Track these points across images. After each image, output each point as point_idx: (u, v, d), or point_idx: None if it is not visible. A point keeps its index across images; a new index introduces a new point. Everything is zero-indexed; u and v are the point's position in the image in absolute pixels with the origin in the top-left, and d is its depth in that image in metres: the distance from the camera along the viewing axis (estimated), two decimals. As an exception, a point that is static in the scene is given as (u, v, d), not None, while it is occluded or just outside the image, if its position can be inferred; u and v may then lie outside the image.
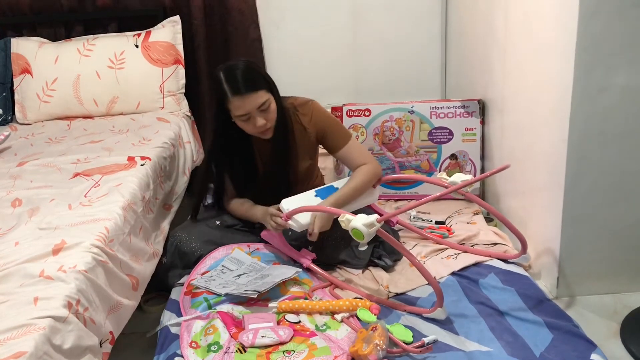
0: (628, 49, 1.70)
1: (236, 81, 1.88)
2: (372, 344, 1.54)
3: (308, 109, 2.08)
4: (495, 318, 1.75)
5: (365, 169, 2.06)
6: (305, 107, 2.08)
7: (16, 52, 2.71)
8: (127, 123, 2.54)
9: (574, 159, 1.80)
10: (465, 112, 2.54)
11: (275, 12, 2.88)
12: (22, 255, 1.47)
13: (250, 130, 1.96)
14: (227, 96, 1.89)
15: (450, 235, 2.25)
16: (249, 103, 1.88)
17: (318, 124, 2.08)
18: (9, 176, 2.01)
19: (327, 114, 2.12)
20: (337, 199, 1.97)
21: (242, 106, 1.89)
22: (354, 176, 2.05)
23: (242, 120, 1.93)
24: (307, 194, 2.04)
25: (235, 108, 1.90)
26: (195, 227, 2.15)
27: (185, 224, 2.21)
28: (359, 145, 2.13)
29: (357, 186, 2.03)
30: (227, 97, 1.89)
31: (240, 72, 1.90)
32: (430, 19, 2.94)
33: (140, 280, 1.72)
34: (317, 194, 2.03)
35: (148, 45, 2.66)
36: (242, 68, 1.91)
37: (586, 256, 1.92)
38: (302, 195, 2.02)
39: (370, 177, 2.06)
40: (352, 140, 2.10)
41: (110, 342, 1.48)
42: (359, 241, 1.66)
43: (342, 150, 2.08)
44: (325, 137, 2.10)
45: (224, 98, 1.90)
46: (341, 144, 2.08)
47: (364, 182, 2.04)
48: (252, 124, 1.92)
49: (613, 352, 1.67)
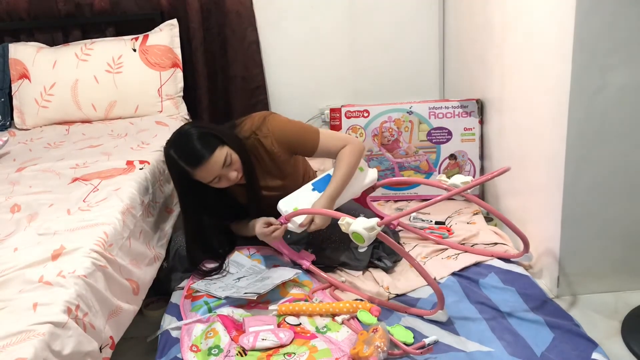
0: (625, 48, 1.70)
1: (190, 154, 1.83)
2: (372, 346, 1.54)
3: (266, 129, 1.97)
4: (496, 318, 1.75)
5: (346, 151, 1.98)
6: (263, 127, 1.97)
7: (14, 58, 2.71)
8: (126, 127, 2.54)
9: (572, 158, 1.80)
10: (464, 112, 2.54)
11: (272, 15, 2.88)
12: (21, 261, 1.46)
13: (225, 185, 1.91)
14: (189, 172, 1.85)
15: (450, 236, 2.25)
16: (213, 167, 1.83)
17: (281, 140, 1.97)
18: (7, 182, 2.01)
19: (286, 125, 2.01)
20: (332, 192, 1.93)
21: (209, 172, 1.84)
22: (338, 163, 1.98)
23: (215, 183, 1.88)
24: (304, 189, 2.00)
25: (203, 177, 1.86)
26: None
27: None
28: (331, 135, 2.04)
29: (346, 171, 1.96)
30: (189, 172, 1.85)
31: (190, 143, 1.84)
32: (427, 20, 2.94)
33: (141, 284, 1.72)
34: (314, 187, 2.00)
35: (146, 49, 2.67)
36: (189, 138, 1.85)
37: (586, 255, 1.92)
38: (298, 192, 1.99)
39: (355, 155, 1.99)
40: (321, 134, 2.01)
41: (111, 347, 1.48)
42: (360, 245, 1.65)
43: (318, 150, 2.00)
44: (294, 147, 2.01)
45: (187, 174, 1.86)
46: (314, 145, 2.00)
47: (350, 164, 1.98)
48: (225, 180, 1.88)
49: (614, 350, 1.67)
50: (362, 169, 2.09)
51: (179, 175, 1.91)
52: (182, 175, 1.88)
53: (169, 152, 1.89)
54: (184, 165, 1.84)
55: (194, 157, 1.82)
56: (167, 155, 1.90)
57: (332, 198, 1.93)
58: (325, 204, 1.91)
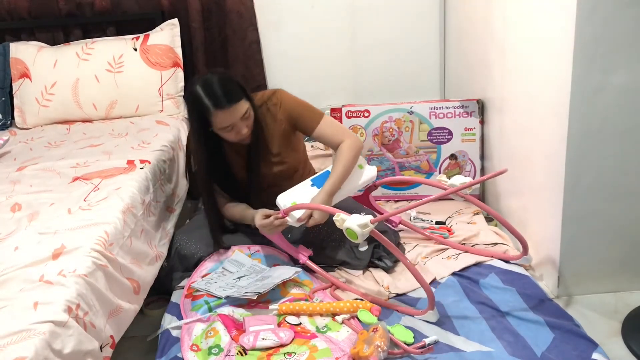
0: (626, 48, 1.70)
1: (217, 95, 1.86)
2: (373, 345, 1.54)
3: (277, 98, 2.06)
4: (496, 318, 1.75)
5: (346, 145, 2.03)
6: (274, 97, 2.06)
7: (15, 57, 2.71)
8: (126, 126, 2.54)
9: (573, 158, 1.80)
10: (465, 112, 2.54)
11: (273, 14, 2.88)
12: (21, 260, 1.47)
13: (232, 138, 1.95)
14: (209, 110, 1.87)
15: (451, 236, 2.25)
16: (233, 115, 1.87)
17: (287, 109, 2.05)
18: (8, 181, 2.01)
19: (296, 98, 2.10)
20: (330, 187, 1.95)
21: (227, 118, 1.88)
22: (338, 157, 2.02)
23: (226, 131, 1.92)
24: (303, 184, 2.02)
25: (219, 121, 1.88)
26: (195, 231, 2.15)
27: (185, 227, 2.21)
28: (333, 122, 2.11)
29: (346, 165, 2.00)
30: (209, 111, 1.87)
31: (218, 85, 1.87)
32: (428, 20, 2.94)
33: (142, 284, 1.72)
34: (313, 182, 2.01)
35: (147, 49, 2.67)
36: (218, 81, 1.88)
37: (586, 255, 1.92)
38: (297, 187, 2.00)
39: (354, 151, 2.03)
40: (325, 118, 2.08)
41: (111, 347, 1.48)
42: (353, 241, 1.67)
43: (317, 129, 2.06)
44: (297, 119, 2.07)
45: (206, 112, 1.87)
46: (314, 123, 2.06)
47: (348, 159, 2.01)
48: (235, 133, 1.92)
49: (614, 351, 1.67)
50: (362, 166, 2.10)
51: (198, 116, 1.92)
52: (201, 117, 1.90)
53: (194, 89, 1.89)
54: (208, 104, 1.85)
55: (220, 98, 1.86)
56: (192, 91, 1.90)
57: (330, 193, 1.95)
58: (324, 198, 1.93)
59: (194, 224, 2.22)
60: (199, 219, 2.24)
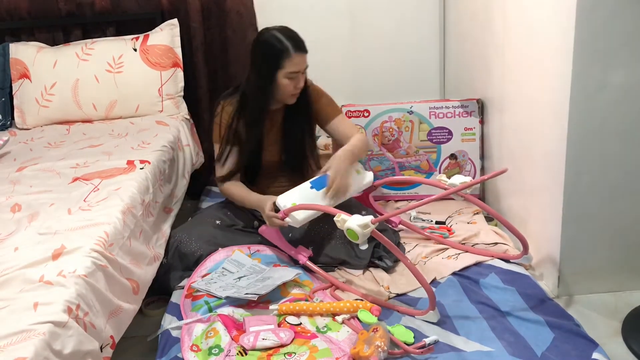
0: (626, 47, 1.70)
1: (297, 40, 2.02)
2: (373, 346, 1.54)
3: (308, 80, 2.17)
4: (496, 318, 1.75)
5: (358, 136, 2.16)
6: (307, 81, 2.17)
7: (15, 57, 2.71)
8: (126, 127, 2.54)
9: (573, 158, 1.80)
10: (464, 112, 2.54)
11: (273, 14, 2.88)
12: (21, 261, 1.46)
13: (291, 89, 2.05)
14: (288, 52, 1.98)
15: (451, 235, 2.25)
16: (304, 62, 2.04)
17: (315, 93, 2.20)
18: (8, 181, 2.01)
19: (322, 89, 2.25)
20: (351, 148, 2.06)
21: (300, 63, 2.02)
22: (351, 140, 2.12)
23: (290, 78, 2.02)
24: (303, 186, 2.02)
25: (293, 64, 2.00)
26: (195, 228, 2.15)
27: (185, 224, 2.21)
28: (349, 121, 2.29)
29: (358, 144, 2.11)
30: (288, 52, 1.98)
31: (295, 33, 2.03)
32: (428, 19, 2.94)
33: (141, 284, 1.72)
34: (313, 185, 2.01)
35: (146, 49, 2.67)
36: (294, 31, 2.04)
37: (587, 255, 1.92)
38: (297, 189, 2.01)
39: (364, 143, 2.16)
40: (343, 114, 2.25)
41: (111, 347, 1.48)
42: (354, 241, 1.67)
43: (334, 121, 2.19)
44: (321, 106, 2.20)
45: (283, 53, 1.98)
46: (333, 115, 2.20)
47: (361, 144, 2.13)
48: (295, 83, 2.04)
49: (614, 350, 1.67)
50: (359, 171, 2.12)
51: (270, 59, 2.01)
52: (273, 59, 2.00)
53: (271, 33, 2.02)
54: (288, 45, 1.98)
55: (300, 42, 2.02)
56: (269, 35, 2.02)
57: (351, 153, 2.06)
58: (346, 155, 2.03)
59: (195, 222, 2.22)
60: (200, 217, 2.24)
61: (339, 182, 1.97)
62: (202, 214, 2.29)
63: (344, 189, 2.00)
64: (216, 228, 2.16)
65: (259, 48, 2.05)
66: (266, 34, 2.03)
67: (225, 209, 2.25)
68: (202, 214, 2.30)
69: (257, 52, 2.06)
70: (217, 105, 2.19)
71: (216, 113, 2.19)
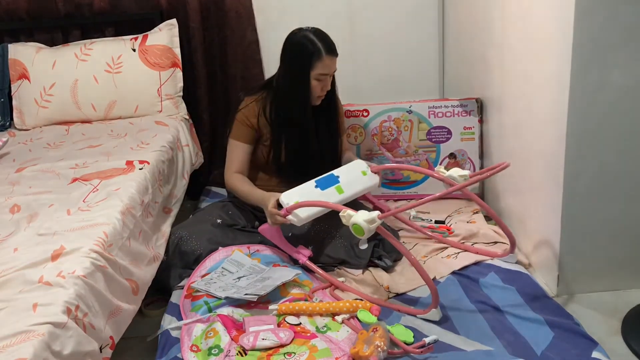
0: (624, 47, 1.70)
1: (329, 42, 2.06)
2: (372, 345, 1.54)
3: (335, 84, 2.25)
4: (496, 317, 1.75)
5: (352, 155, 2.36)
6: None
7: (13, 58, 2.71)
8: (126, 127, 2.54)
9: (572, 157, 1.80)
10: (464, 111, 2.54)
11: (272, 14, 2.88)
12: (21, 262, 1.47)
13: (317, 91, 2.09)
14: (320, 53, 2.03)
15: (450, 235, 2.25)
16: (334, 65, 2.08)
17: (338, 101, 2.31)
18: (7, 182, 2.01)
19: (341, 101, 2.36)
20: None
21: (330, 66, 2.06)
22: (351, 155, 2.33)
23: (319, 80, 2.06)
24: (307, 185, 2.01)
25: (323, 66, 2.04)
26: (195, 226, 2.15)
27: (186, 222, 2.21)
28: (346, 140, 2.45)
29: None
30: (320, 54, 2.03)
31: (326, 35, 2.07)
32: (427, 19, 2.93)
33: (141, 284, 1.72)
34: (317, 184, 2.01)
35: (145, 49, 2.66)
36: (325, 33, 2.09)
37: (586, 253, 1.92)
38: (301, 187, 2.00)
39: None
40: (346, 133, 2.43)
41: (111, 347, 1.48)
42: (359, 237, 1.66)
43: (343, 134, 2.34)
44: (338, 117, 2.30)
45: (316, 55, 2.02)
46: (344, 128, 2.36)
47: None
48: (322, 86, 2.08)
49: (614, 349, 1.67)
50: (365, 172, 2.10)
51: (303, 59, 2.04)
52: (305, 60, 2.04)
53: (304, 34, 2.06)
54: (321, 47, 2.03)
55: (332, 45, 2.06)
56: (302, 36, 2.06)
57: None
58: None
59: (196, 220, 2.22)
60: (201, 215, 2.24)
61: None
62: (203, 212, 2.28)
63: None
64: (217, 227, 2.16)
65: (291, 48, 2.08)
66: (299, 35, 2.06)
67: (226, 208, 2.25)
68: (203, 212, 2.30)
69: (289, 51, 2.09)
70: (240, 101, 2.21)
71: (239, 108, 2.19)
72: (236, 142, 2.19)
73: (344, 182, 2.03)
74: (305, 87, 2.07)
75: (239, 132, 2.18)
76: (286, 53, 2.10)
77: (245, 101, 2.19)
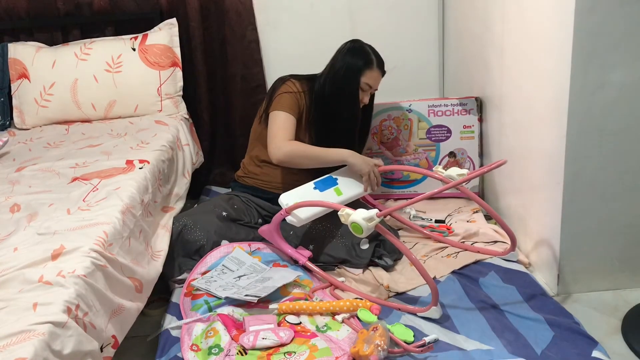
0: (624, 45, 1.70)
1: (381, 60, 2.23)
2: (373, 345, 1.54)
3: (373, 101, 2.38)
4: (496, 316, 1.75)
5: None
6: None
7: (13, 57, 2.71)
8: (125, 126, 2.54)
9: (572, 156, 1.80)
10: (463, 110, 2.54)
11: (272, 14, 2.88)
12: (21, 261, 1.46)
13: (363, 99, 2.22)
14: (371, 65, 2.18)
15: (450, 234, 2.25)
16: (378, 80, 2.24)
17: None
18: (7, 181, 2.01)
19: None
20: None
21: (375, 80, 2.21)
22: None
23: (365, 88, 2.19)
24: (306, 186, 2.03)
25: (370, 78, 2.18)
26: (201, 216, 2.14)
27: (191, 210, 2.21)
28: None
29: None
30: (370, 65, 2.18)
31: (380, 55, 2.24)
32: (427, 18, 2.93)
33: (144, 282, 1.72)
34: (316, 186, 2.03)
35: (145, 49, 2.66)
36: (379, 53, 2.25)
37: (586, 253, 1.92)
38: (301, 188, 2.02)
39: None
40: None
41: (113, 346, 1.48)
42: (358, 236, 1.67)
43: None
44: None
45: (366, 65, 2.17)
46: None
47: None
48: (362, 96, 2.21)
49: (614, 348, 1.67)
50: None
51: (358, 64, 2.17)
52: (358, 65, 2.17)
53: (363, 45, 2.23)
54: (373, 60, 2.19)
55: (382, 64, 2.24)
56: (360, 45, 2.23)
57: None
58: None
59: (201, 209, 2.21)
60: (207, 206, 2.23)
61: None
62: (210, 203, 2.27)
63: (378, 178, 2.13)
64: (222, 220, 2.15)
65: (348, 51, 2.20)
66: (358, 43, 2.23)
67: (232, 202, 2.24)
68: (209, 202, 2.29)
69: (345, 54, 2.20)
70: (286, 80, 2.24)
71: (286, 85, 2.21)
72: (284, 113, 2.15)
73: (342, 184, 2.05)
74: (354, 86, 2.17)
75: (288, 103, 2.17)
76: (342, 55, 2.20)
77: (292, 81, 2.24)
